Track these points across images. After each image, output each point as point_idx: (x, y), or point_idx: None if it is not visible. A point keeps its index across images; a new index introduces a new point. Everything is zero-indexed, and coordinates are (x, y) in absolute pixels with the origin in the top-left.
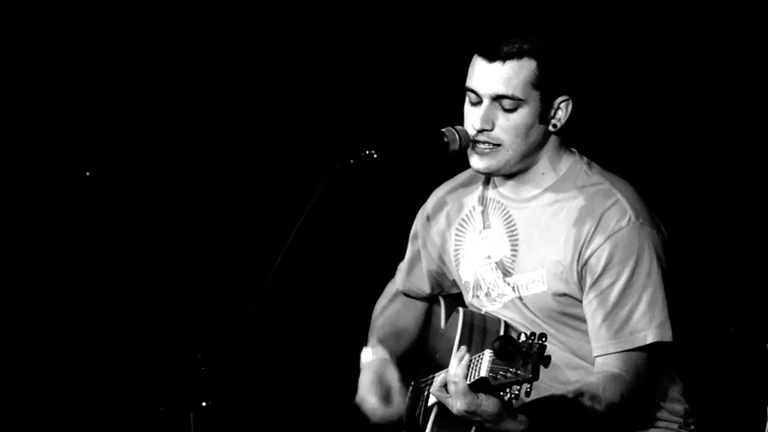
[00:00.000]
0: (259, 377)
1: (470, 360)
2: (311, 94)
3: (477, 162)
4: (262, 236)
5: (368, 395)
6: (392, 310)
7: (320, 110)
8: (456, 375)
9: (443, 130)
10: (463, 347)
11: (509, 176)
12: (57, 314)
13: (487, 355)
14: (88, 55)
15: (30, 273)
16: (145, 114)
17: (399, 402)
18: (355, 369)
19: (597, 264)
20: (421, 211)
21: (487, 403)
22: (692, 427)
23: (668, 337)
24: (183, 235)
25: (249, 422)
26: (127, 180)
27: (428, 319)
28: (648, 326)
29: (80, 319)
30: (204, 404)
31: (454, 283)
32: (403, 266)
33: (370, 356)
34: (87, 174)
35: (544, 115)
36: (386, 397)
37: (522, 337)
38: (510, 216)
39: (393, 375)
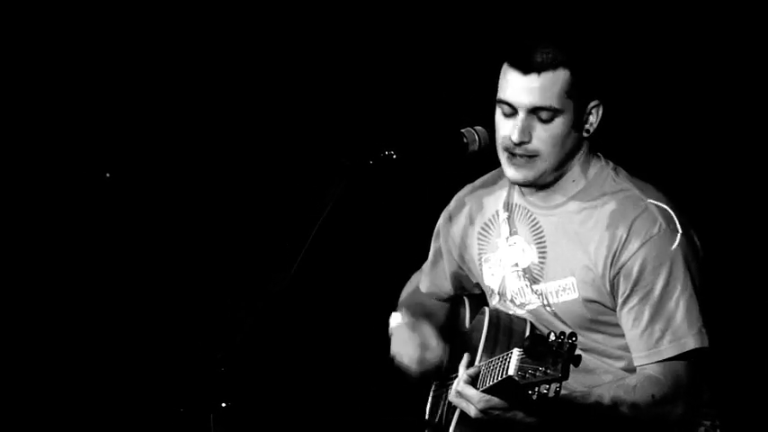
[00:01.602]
0: (278, 378)
1: (480, 368)
2: (330, 93)
3: (514, 174)
4: (281, 237)
5: (404, 345)
6: (421, 294)
7: (340, 110)
8: (459, 381)
9: (463, 130)
10: (467, 355)
11: (541, 186)
12: (76, 315)
13: (516, 353)
14: (109, 58)
15: (50, 274)
16: (163, 117)
17: (439, 347)
18: (374, 369)
19: (631, 273)
20: (444, 212)
21: (500, 403)
22: (718, 431)
23: (707, 342)
24: (206, 236)
25: (268, 423)
26: (147, 181)
27: (452, 317)
28: (688, 333)
29: (100, 319)
30: (224, 405)
31: (477, 285)
32: (425, 268)
33: (400, 319)
34: (107, 175)
35: (578, 122)
36: (423, 345)
37: (552, 337)
38: (537, 223)
39: (427, 326)
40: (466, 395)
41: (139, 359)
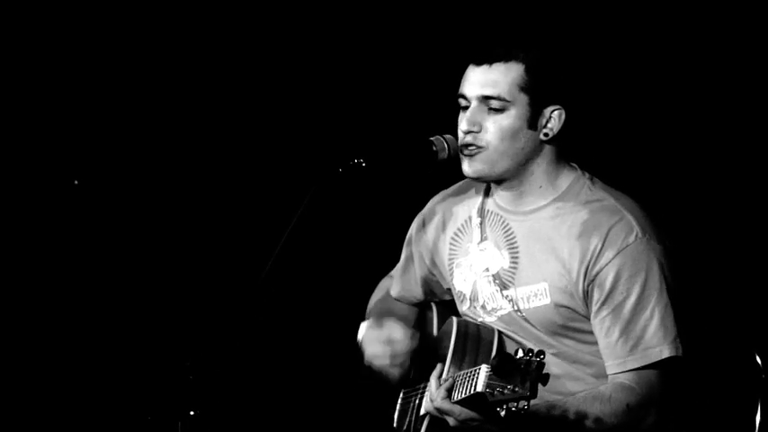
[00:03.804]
0: (247, 386)
1: (454, 380)
2: (302, 101)
3: (466, 167)
4: (251, 244)
5: (373, 345)
6: (389, 301)
7: (310, 118)
8: (438, 397)
9: (432, 138)
10: (439, 365)
11: (505, 187)
12: (45, 322)
13: (484, 370)
14: (77, 62)
15: (18, 281)
16: (133, 122)
17: (406, 336)
18: (345, 377)
19: (606, 281)
20: (417, 217)
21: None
22: None
23: (681, 352)
24: (172, 244)
25: (237, 431)
26: (115, 188)
27: (420, 325)
28: (663, 341)
29: (68, 327)
30: (192, 413)
31: (448, 291)
32: (396, 272)
33: (367, 325)
34: (75, 182)
35: (533, 122)
36: (390, 339)
37: (520, 353)
38: (510, 228)
39: (391, 320)
40: (444, 410)
41: (108, 367)
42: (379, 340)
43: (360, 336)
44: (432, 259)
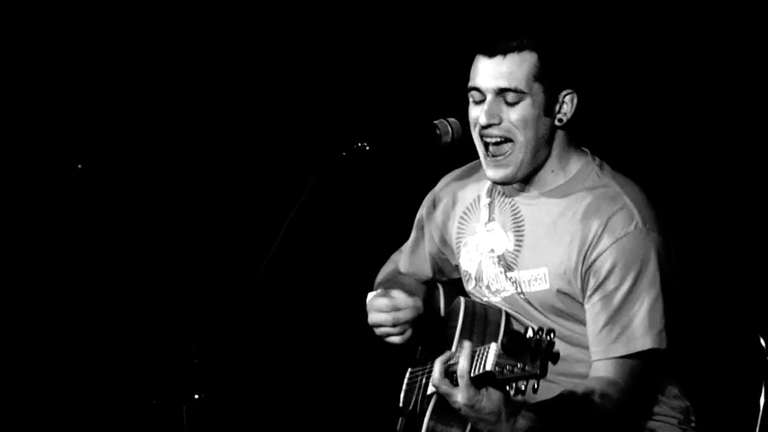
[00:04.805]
0: (251, 370)
1: (475, 353)
2: (304, 86)
3: (494, 173)
4: (254, 229)
5: (378, 312)
6: (398, 275)
7: (312, 103)
8: (463, 369)
9: (436, 122)
10: (467, 342)
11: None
12: (47, 308)
13: (494, 348)
14: (79, 48)
15: (20, 266)
16: (136, 107)
17: (410, 302)
18: (347, 362)
19: (602, 268)
20: (428, 196)
21: (488, 400)
22: (693, 423)
23: (665, 344)
24: (175, 228)
25: (242, 415)
26: (118, 173)
27: (427, 302)
28: (648, 332)
29: (71, 312)
30: (197, 397)
31: (456, 269)
32: (406, 249)
33: (374, 293)
34: (79, 166)
35: (549, 109)
36: (395, 306)
37: (530, 332)
38: (518, 211)
39: (396, 289)
40: (463, 383)
41: (112, 351)
42: (383, 308)
43: (367, 301)
44: (441, 237)
